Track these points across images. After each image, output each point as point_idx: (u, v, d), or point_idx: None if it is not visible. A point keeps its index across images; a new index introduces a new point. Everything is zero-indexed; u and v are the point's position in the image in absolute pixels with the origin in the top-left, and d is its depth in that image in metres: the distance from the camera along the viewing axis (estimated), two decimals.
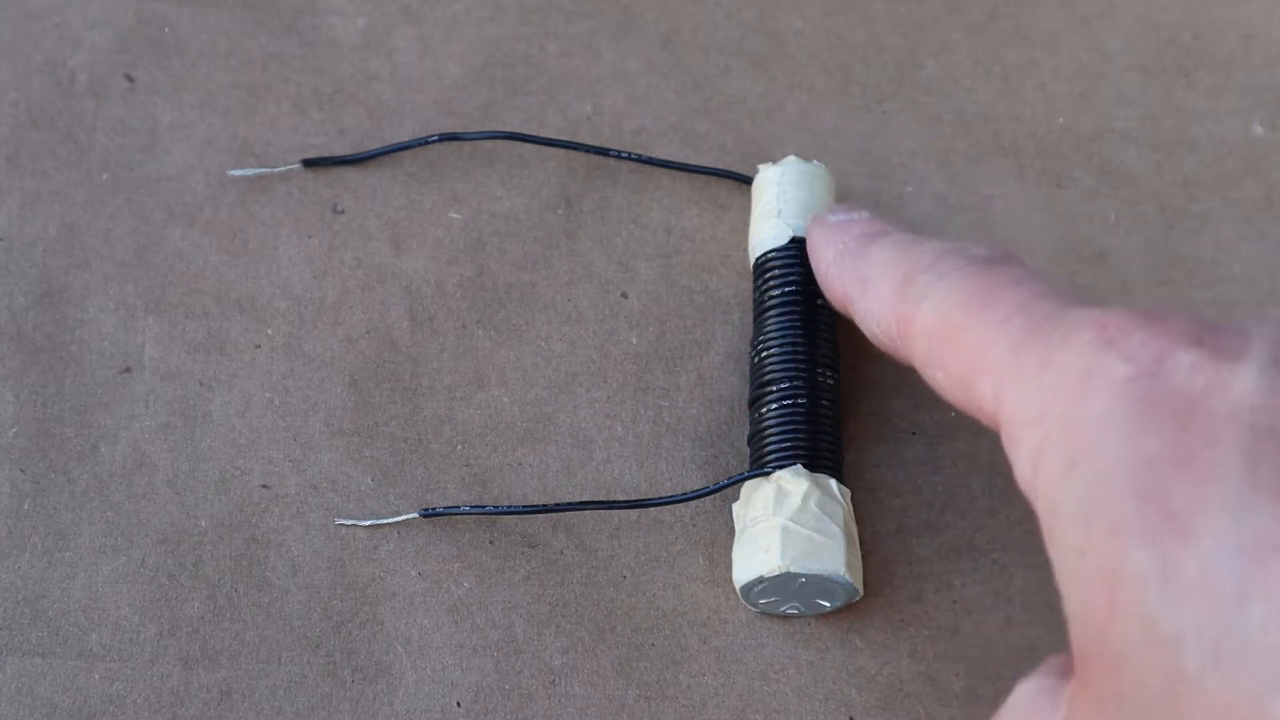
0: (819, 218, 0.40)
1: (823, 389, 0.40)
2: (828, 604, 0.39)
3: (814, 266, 0.39)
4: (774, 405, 0.40)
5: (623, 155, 0.45)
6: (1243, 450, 0.24)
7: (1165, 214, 0.46)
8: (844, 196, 0.45)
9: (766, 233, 0.42)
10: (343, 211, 0.45)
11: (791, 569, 0.37)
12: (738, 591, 0.39)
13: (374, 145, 0.46)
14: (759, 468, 0.39)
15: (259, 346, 0.43)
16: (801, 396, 0.40)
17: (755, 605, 0.39)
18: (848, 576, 0.37)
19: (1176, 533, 0.24)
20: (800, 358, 0.40)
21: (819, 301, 0.41)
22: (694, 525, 0.41)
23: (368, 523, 0.41)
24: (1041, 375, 0.28)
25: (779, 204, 0.42)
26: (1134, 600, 0.25)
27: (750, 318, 0.44)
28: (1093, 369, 0.27)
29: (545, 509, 0.40)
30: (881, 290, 0.35)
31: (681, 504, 0.41)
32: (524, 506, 0.40)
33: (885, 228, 0.38)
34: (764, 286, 0.42)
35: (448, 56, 0.48)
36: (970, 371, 0.31)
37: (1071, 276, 0.45)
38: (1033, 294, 0.31)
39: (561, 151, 0.46)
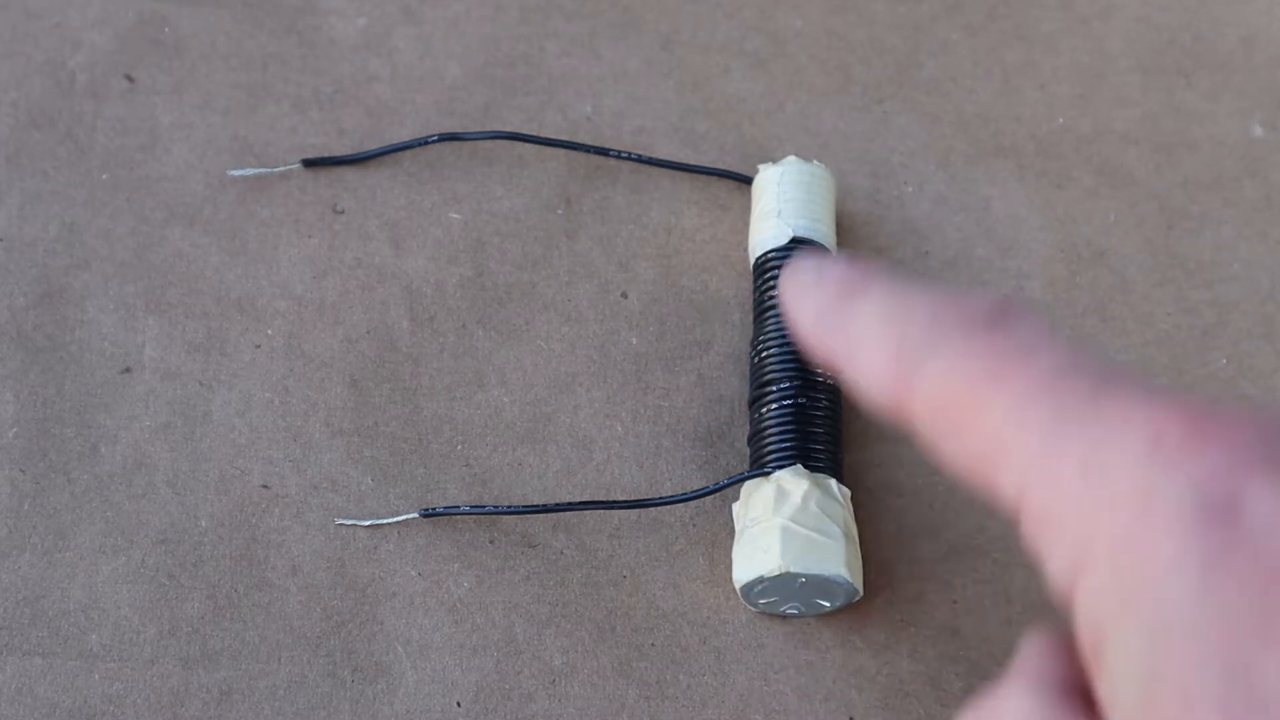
0: (789, 273, 0.34)
1: (823, 389, 0.40)
2: (828, 604, 0.39)
3: (794, 328, 0.34)
4: (774, 405, 0.40)
5: (623, 155, 0.45)
6: None
7: (1165, 214, 0.46)
8: (844, 196, 0.45)
9: (766, 233, 0.42)
10: (343, 211, 0.45)
11: (791, 569, 0.37)
12: (738, 591, 0.39)
13: (374, 145, 0.46)
14: (759, 468, 0.39)
15: (259, 346, 0.43)
16: (801, 396, 0.40)
17: (755, 605, 0.39)
18: (848, 576, 0.37)
19: None
20: (800, 358, 0.40)
21: None
22: (694, 525, 0.41)
23: (368, 523, 0.41)
24: (1083, 480, 0.25)
25: (779, 204, 0.43)
26: None
27: (750, 318, 0.44)
28: (1153, 494, 0.24)
29: (545, 509, 0.40)
30: (870, 359, 0.31)
31: (681, 504, 0.41)
32: (524, 506, 0.40)
33: (865, 279, 0.32)
34: (764, 286, 0.42)
35: (448, 56, 0.48)
36: (986, 455, 0.28)
37: (1071, 276, 0.45)
38: (1055, 366, 0.27)
39: (561, 151, 0.46)
